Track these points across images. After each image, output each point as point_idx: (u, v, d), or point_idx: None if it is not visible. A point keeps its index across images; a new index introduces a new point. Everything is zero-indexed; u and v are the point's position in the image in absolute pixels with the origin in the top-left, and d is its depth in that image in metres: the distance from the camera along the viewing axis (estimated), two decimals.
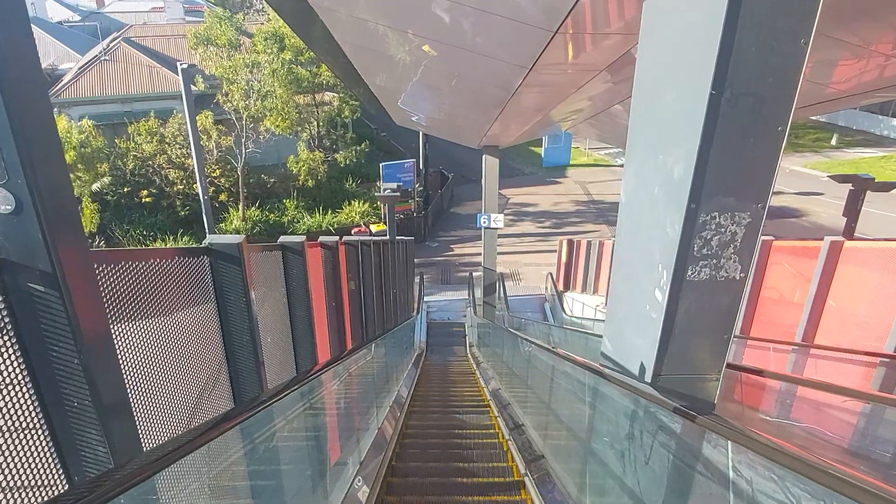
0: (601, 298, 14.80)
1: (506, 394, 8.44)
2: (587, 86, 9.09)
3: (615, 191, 31.31)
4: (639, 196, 3.53)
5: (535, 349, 5.80)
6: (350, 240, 6.61)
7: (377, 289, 9.28)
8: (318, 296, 5.13)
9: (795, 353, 6.40)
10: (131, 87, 25.21)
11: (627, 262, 3.73)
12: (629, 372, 3.68)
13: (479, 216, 16.86)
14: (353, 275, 6.72)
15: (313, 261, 4.86)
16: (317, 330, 4.67)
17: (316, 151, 24.62)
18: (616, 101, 12.35)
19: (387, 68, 11.52)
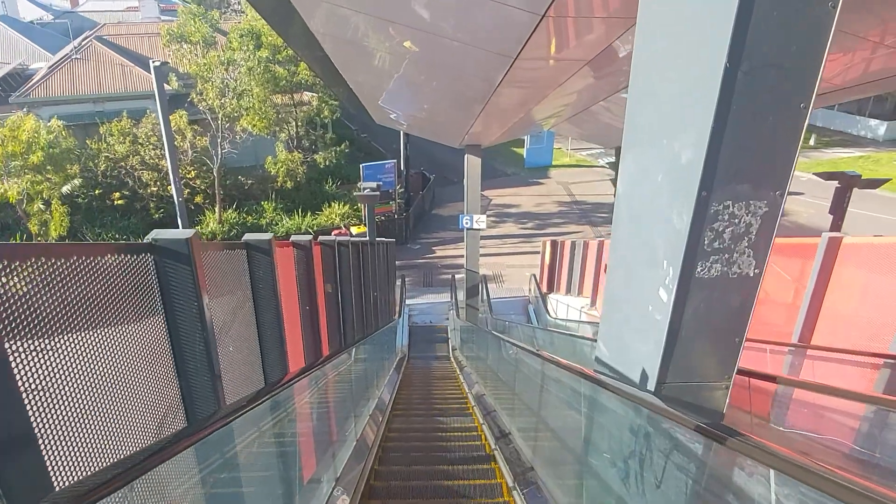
0: (586, 300, 14.56)
1: (491, 399, 8.10)
2: (569, 82, 8.82)
3: (598, 191, 31.25)
4: (639, 186, 3.22)
5: (523, 354, 5.47)
6: (326, 240, 6.23)
7: (356, 292, 8.90)
8: (289, 299, 4.75)
9: (791, 354, 6.16)
10: (103, 86, 24.50)
11: (626, 259, 3.42)
12: (629, 380, 3.36)
13: (462, 217, 16.56)
14: (329, 277, 6.34)
15: (283, 261, 4.49)
16: (288, 336, 4.29)
17: (295, 152, 24.11)
18: (600, 98, 12.15)
19: (367, 63, 11.17)
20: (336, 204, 24.20)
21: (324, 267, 6.23)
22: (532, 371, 5.35)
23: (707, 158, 2.53)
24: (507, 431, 6.31)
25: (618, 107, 13.26)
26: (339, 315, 6.61)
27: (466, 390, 10.39)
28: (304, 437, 4.70)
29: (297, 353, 4.98)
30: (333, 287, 6.41)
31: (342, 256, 7.40)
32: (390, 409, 8.40)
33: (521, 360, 5.93)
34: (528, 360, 5.36)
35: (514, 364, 6.36)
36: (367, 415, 6.64)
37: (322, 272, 6.24)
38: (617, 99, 11.98)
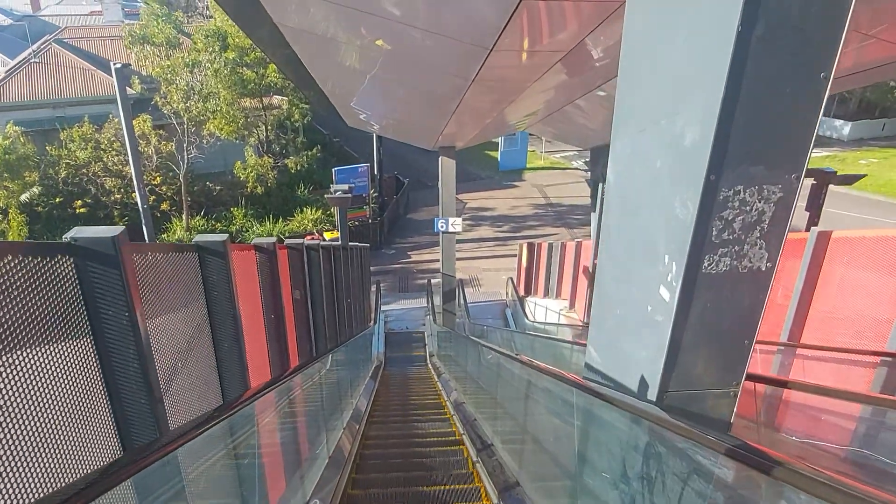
0: (565, 302, 14.33)
1: (471, 408, 7.76)
2: (544, 78, 8.58)
3: (573, 193, 31.22)
4: (634, 174, 2.92)
5: (505, 360, 5.14)
6: (293, 243, 5.83)
7: (328, 298, 8.49)
8: (251, 307, 4.35)
9: (781, 353, 5.96)
10: (64, 90, 23.56)
11: (620, 255, 3.11)
12: (626, 388, 3.05)
13: (437, 220, 16.23)
14: (297, 283, 5.94)
15: (243, 266, 4.09)
16: (250, 348, 3.90)
17: (265, 157, 23.50)
18: (575, 97, 11.94)
19: (338, 63, 10.79)
20: (308, 209, 23.66)
21: (291, 272, 5.83)
22: (515, 378, 5.03)
23: (716, 138, 2.24)
24: (489, 442, 5.98)
25: (592, 105, 13.10)
26: (310, 323, 6.21)
27: (445, 397, 10.04)
28: (270, 457, 4.31)
29: (263, 366, 4.58)
30: (302, 294, 6.01)
31: (312, 261, 7.00)
32: (366, 419, 8.02)
33: (502, 366, 5.60)
34: (511, 367, 5.03)
35: (495, 370, 6.03)
36: (342, 426, 6.25)
37: (290, 278, 5.84)
38: (592, 97, 11.81)
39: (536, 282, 17.65)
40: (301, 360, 6.13)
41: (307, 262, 6.86)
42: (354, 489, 5.32)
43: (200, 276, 3.30)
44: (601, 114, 14.34)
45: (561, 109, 13.68)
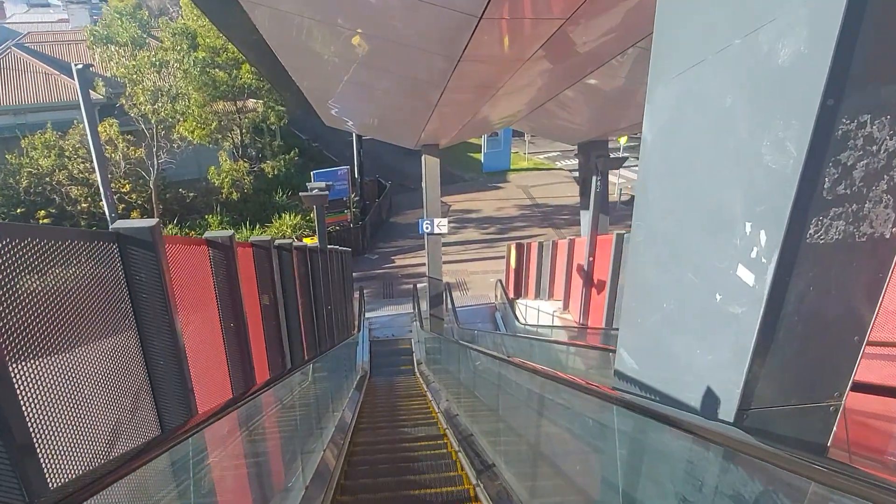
0: (558, 303, 13.66)
1: (466, 421, 7.01)
2: (531, 65, 7.98)
3: (559, 193, 30.71)
4: (687, 122, 2.22)
5: (510, 369, 4.41)
6: (260, 241, 5.06)
7: (305, 305, 7.72)
8: (202, 315, 3.58)
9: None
10: (25, 96, 22.46)
11: (667, 230, 2.41)
12: (679, 403, 2.35)
13: (422, 222, 15.52)
14: (266, 286, 5.17)
15: (189, 265, 3.32)
16: (195, 366, 3.13)
17: (240, 161, 22.55)
18: (563, 88, 11.32)
19: (315, 56, 10.09)
20: (287, 215, 22.77)
21: (259, 274, 5.06)
22: (522, 390, 4.30)
23: (839, 44, 1.54)
24: (490, 462, 5.24)
25: (579, 100, 12.51)
26: (282, 333, 5.43)
27: (435, 408, 9.29)
28: (231, 494, 3.55)
29: (219, 386, 3.80)
30: (272, 299, 5.24)
31: (284, 262, 6.23)
32: (352, 433, 7.26)
33: (504, 376, 4.88)
34: (516, 377, 4.31)
35: (494, 381, 5.30)
36: (323, 447, 5.48)
37: (257, 281, 5.07)
38: (579, 90, 11.21)
39: (527, 283, 16.98)
40: (272, 374, 5.35)
41: (278, 263, 6.09)
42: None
43: (123, 275, 2.53)
44: (588, 108, 13.78)
45: (546, 105, 13.10)
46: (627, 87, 11.16)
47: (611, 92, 11.83)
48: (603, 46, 8.19)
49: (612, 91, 11.76)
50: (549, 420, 3.60)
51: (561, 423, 3.44)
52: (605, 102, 12.63)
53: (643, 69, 8.77)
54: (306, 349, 7.70)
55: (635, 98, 11.96)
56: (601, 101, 12.69)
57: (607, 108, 12.99)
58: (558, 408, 3.48)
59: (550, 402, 3.51)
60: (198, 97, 19.52)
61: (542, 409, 3.69)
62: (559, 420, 3.47)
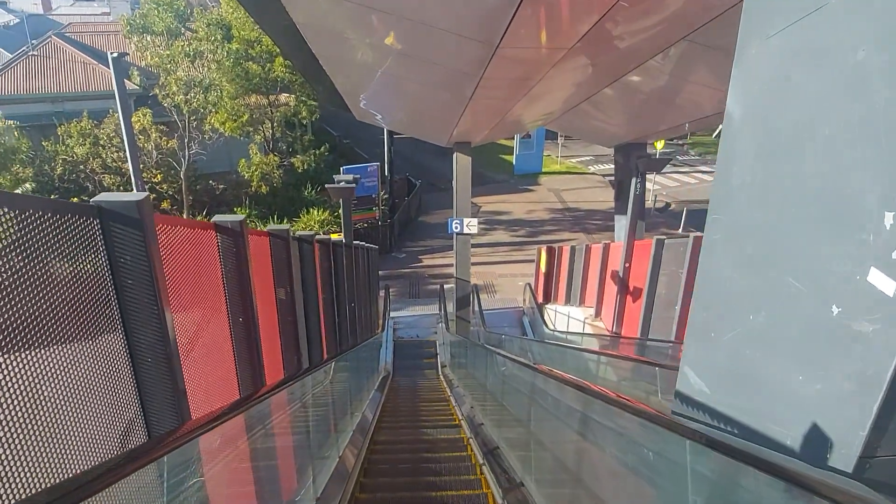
0: (590, 310, 13.10)
1: (492, 431, 6.56)
2: (569, 59, 7.52)
3: (591, 198, 30.06)
4: (796, 81, 1.76)
5: (548, 383, 3.96)
6: (277, 230, 4.70)
7: (327, 302, 7.37)
8: (206, 307, 3.23)
9: None
10: (63, 85, 22.74)
11: (759, 221, 1.95)
12: (772, 442, 1.88)
13: (451, 221, 15.11)
14: (283, 280, 4.81)
15: (191, 251, 2.96)
16: (194, 365, 2.77)
17: (270, 155, 22.45)
18: (602, 86, 10.80)
19: (349, 49, 9.85)
20: (315, 210, 22.60)
21: (275, 266, 4.70)
22: (557, 406, 3.85)
23: None
24: (518, 481, 4.79)
25: (618, 99, 11.94)
26: (297, 329, 5.06)
27: (458, 414, 8.89)
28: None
29: (222, 387, 3.45)
30: (289, 294, 4.88)
31: (305, 255, 5.87)
32: (372, 431, 6.90)
33: (536, 387, 4.42)
34: (554, 391, 3.85)
35: (526, 391, 4.85)
36: (340, 451, 5.12)
37: (273, 273, 4.71)
38: (622, 85, 10.65)
39: (557, 288, 16.44)
40: (287, 372, 4.99)
41: (299, 256, 5.75)
42: None
43: (106, 257, 2.17)
44: (627, 109, 13.19)
45: (582, 106, 12.57)
46: (671, 86, 10.59)
47: (652, 91, 11.26)
48: (650, 39, 7.68)
49: (654, 90, 11.19)
50: (594, 443, 3.15)
51: (608, 447, 2.98)
52: (646, 102, 12.04)
53: (691, 65, 8.20)
54: (326, 348, 7.36)
55: (678, 97, 11.37)
56: (641, 101, 12.11)
57: (647, 108, 12.40)
58: (606, 431, 3.02)
59: (596, 423, 3.05)
60: (230, 89, 19.46)
61: (585, 429, 3.23)
62: (605, 444, 3.01)
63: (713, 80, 9.20)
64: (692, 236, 7.89)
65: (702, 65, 8.82)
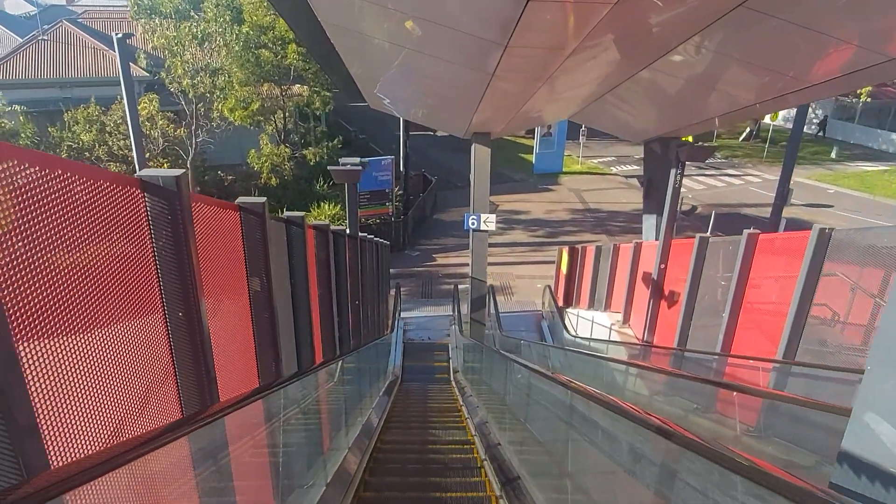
0: (617, 315, 12.02)
1: (512, 457, 5.56)
2: (593, 40, 6.52)
3: (612, 199, 28.98)
4: None
5: (595, 411, 2.96)
6: (248, 203, 3.75)
7: (323, 297, 6.42)
8: (126, 297, 2.29)
9: None
10: (72, 70, 22.12)
11: None
12: None
13: (467, 217, 14.10)
14: (257, 268, 3.85)
15: (88, 214, 2.01)
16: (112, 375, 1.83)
17: (282, 146, 21.60)
18: (636, 69, 9.74)
19: (364, 22, 8.94)
20: (326, 204, 21.72)
21: (248, 250, 3.75)
22: (613, 443, 2.85)
23: None
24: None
25: (649, 89, 10.82)
26: (275, 329, 4.10)
27: (471, 428, 7.90)
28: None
29: (163, 401, 2.51)
30: (265, 285, 3.92)
31: (294, 241, 4.92)
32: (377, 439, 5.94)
33: (577, 411, 3.42)
34: (606, 423, 2.86)
35: (559, 416, 3.85)
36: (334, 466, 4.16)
37: (246, 258, 3.76)
38: (654, 72, 9.54)
39: (579, 291, 15.36)
40: (263, 381, 4.03)
41: (286, 241, 4.79)
42: None
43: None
44: (655, 100, 12.08)
45: (608, 97, 11.51)
46: (710, 72, 9.46)
47: (686, 80, 10.11)
48: (681, 20, 6.64)
49: (689, 78, 10.04)
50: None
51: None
52: (678, 93, 10.88)
53: (734, 45, 7.02)
54: (322, 350, 6.41)
55: (714, 87, 10.19)
56: (672, 92, 10.97)
57: (679, 99, 11.24)
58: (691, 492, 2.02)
59: (681, 482, 2.04)
60: (240, 75, 18.62)
61: (662, 484, 2.22)
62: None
63: (752, 65, 8.16)
64: (746, 233, 6.81)
65: (741, 48, 7.78)
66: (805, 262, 5.90)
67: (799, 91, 8.60)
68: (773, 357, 6.54)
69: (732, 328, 7.28)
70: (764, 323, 7.19)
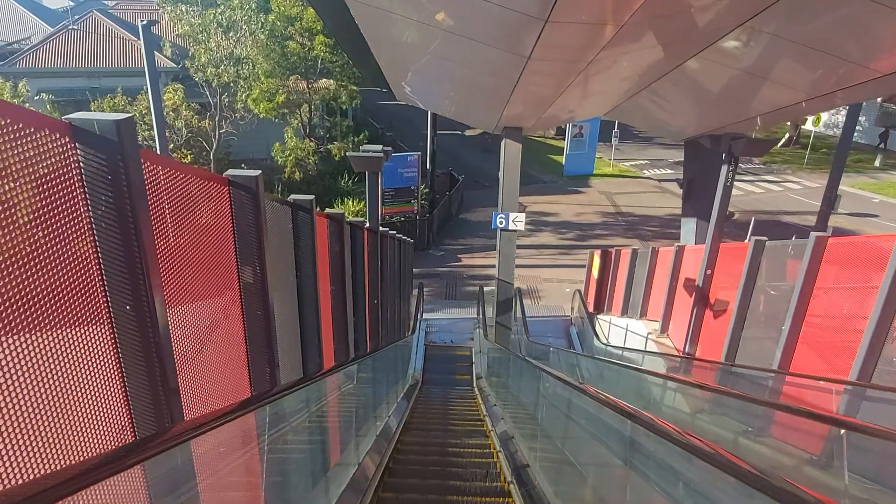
0: (655, 324, 11.19)
1: (544, 483, 4.85)
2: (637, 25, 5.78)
3: (645, 203, 27.95)
4: None
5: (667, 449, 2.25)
6: (240, 176, 3.14)
7: (337, 294, 5.80)
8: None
9: None
10: (102, 60, 22.05)
11: None
12: None
13: (495, 215, 13.40)
14: (249, 255, 3.23)
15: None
16: None
17: (306, 140, 21.15)
18: (688, 55, 8.92)
19: (394, 19, 8.35)
20: (350, 200, 21.23)
21: (238, 234, 3.14)
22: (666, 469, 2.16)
23: None
24: None
25: (711, 70, 9.95)
26: (270, 331, 3.47)
27: (496, 450, 7.20)
28: None
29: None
30: (258, 276, 3.29)
31: (301, 229, 4.30)
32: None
33: (637, 443, 2.73)
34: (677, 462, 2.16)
35: (614, 444, 3.15)
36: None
37: (235, 244, 3.15)
38: (711, 55, 8.68)
39: (611, 297, 14.55)
40: (256, 392, 3.41)
41: (292, 231, 4.18)
42: None
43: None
44: (697, 96, 11.20)
45: (649, 90, 10.68)
46: (760, 64, 8.56)
47: (736, 72, 9.21)
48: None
49: (739, 70, 9.13)
50: None
51: None
52: (725, 86, 9.96)
53: (792, 30, 6.07)
54: (333, 354, 5.79)
55: (768, 76, 9.26)
56: (719, 86, 10.07)
57: (725, 95, 10.32)
58: None
59: None
60: (265, 65, 18.20)
61: None
62: None
63: (806, 57, 7.31)
64: (814, 236, 6.00)
65: (798, 34, 6.94)
66: (890, 269, 5.09)
67: (849, 88, 7.71)
68: (844, 378, 5.72)
69: (793, 342, 6.46)
70: (831, 338, 6.37)
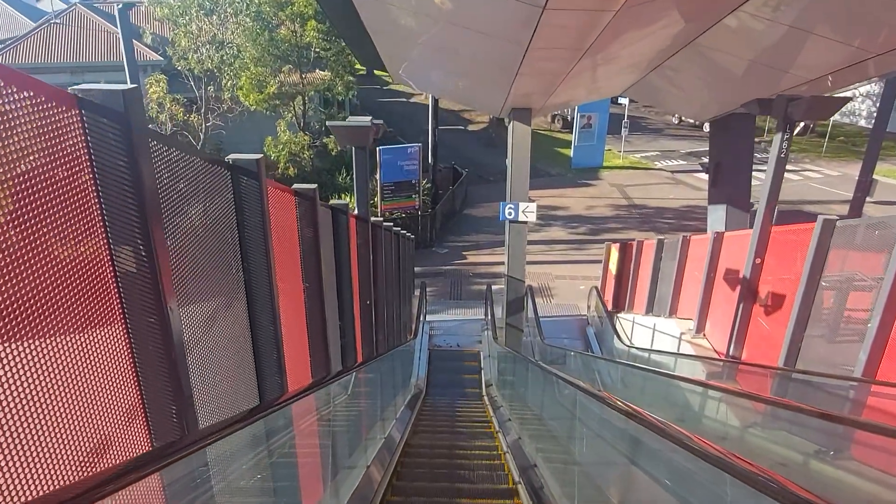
0: (688, 323, 9.91)
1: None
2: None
3: (659, 195, 26.67)
4: None
5: None
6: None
7: (314, 292, 4.59)
8: None
9: None
10: (86, 55, 20.99)
11: None
12: None
13: (503, 206, 12.21)
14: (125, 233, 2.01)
15: None
16: None
17: (300, 133, 19.98)
18: (703, 29, 7.69)
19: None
20: (349, 197, 20.08)
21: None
22: None
23: None
24: None
25: (722, 52, 8.66)
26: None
27: (511, 468, 6.00)
28: None
29: None
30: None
31: (247, 200, 3.10)
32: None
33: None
34: None
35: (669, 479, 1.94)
36: None
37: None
38: (726, 30, 7.36)
39: (632, 293, 13.30)
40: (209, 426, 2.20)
41: (260, 211, 2.98)
42: None
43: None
44: (719, 72, 9.94)
45: (681, 55, 9.43)
46: (793, 31, 7.23)
47: (770, 39, 7.89)
48: None
49: (773, 36, 7.80)
50: None
51: None
52: (760, 54, 8.60)
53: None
54: (315, 364, 4.59)
55: (802, 46, 7.89)
56: (741, 62, 8.77)
57: (752, 71, 8.98)
58: None
59: None
60: (253, 51, 17.02)
61: None
62: None
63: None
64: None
65: None
66: None
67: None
68: None
69: (882, 343, 5.22)
70: None
